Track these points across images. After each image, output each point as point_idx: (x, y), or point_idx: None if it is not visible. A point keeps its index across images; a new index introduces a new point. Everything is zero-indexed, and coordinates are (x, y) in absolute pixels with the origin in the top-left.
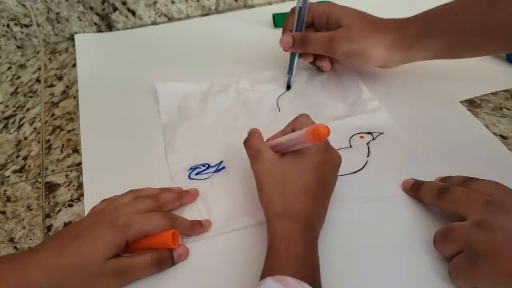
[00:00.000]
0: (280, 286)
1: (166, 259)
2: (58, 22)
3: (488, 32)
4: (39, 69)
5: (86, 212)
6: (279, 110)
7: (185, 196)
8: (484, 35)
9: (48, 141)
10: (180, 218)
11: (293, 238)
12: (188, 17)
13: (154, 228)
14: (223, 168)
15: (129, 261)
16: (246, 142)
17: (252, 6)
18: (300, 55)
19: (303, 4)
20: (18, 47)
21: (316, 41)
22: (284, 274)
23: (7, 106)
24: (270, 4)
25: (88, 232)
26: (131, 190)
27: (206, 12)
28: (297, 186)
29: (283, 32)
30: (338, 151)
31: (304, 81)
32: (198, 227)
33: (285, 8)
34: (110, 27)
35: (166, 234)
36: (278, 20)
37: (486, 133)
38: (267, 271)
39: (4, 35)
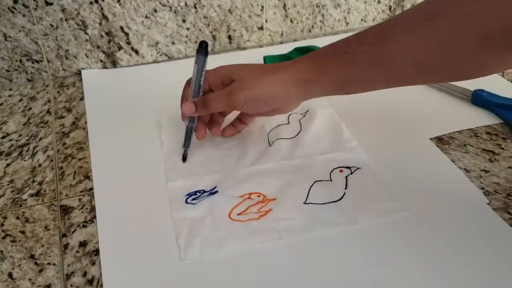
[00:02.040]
0: None
1: None
2: (67, 59)
3: (375, 71)
4: (49, 101)
5: (100, 233)
6: (270, 145)
7: None
8: (371, 73)
9: (61, 168)
10: None
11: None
12: (186, 56)
13: None
14: (217, 192)
15: None
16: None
17: (244, 48)
18: (195, 130)
19: (197, 73)
20: (28, 80)
21: (215, 99)
22: None
23: (20, 135)
24: (261, 46)
25: None
26: None
27: None
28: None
29: (181, 103)
30: (319, 182)
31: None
32: None
33: (275, 50)
34: (114, 64)
35: None
36: (269, 62)
37: (452, 167)
38: None
39: (16, 69)
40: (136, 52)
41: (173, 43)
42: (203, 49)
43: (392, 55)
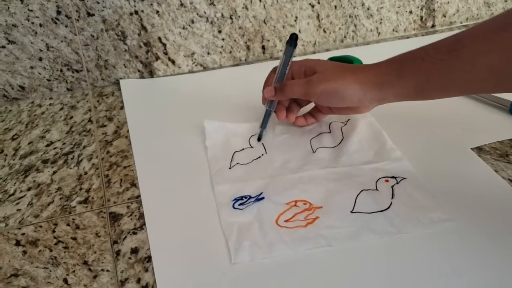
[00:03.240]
0: None
1: None
2: (106, 68)
3: (451, 78)
4: (90, 110)
5: (150, 239)
6: (314, 152)
7: None
8: (448, 80)
9: (107, 175)
10: None
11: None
12: (221, 66)
13: None
14: (263, 198)
15: None
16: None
17: (277, 58)
18: (276, 111)
19: (284, 62)
20: (68, 89)
21: (293, 85)
22: None
23: (64, 143)
24: (294, 57)
25: None
26: None
27: (237, 63)
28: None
29: (264, 88)
30: (365, 191)
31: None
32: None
33: None
34: (151, 74)
35: None
36: None
37: (496, 177)
38: None
39: (56, 79)
40: (173, 62)
41: (208, 53)
42: (292, 41)
43: (469, 63)
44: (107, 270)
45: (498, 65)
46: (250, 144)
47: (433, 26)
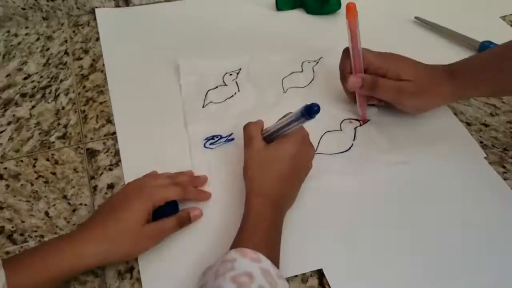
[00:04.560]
0: (239, 256)
1: (185, 220)
2: None
3: None
4: (66, 41)
5: (125, 175)
6: (284, 91)
7: (195, 181)
8: None
9: (84, 111)
10: (189, 188)
11: (263, 214)
12: None
13: (172, 195)
14: (232, 139)
15: (159, 225)
16: (244, 127)
17: None
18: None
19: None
20: (43, 18)
21: (385, 88)
22: (251, 245)
23: (41, 76)
24: None
25: (123, 204)
26: (152, 171)
27: None
28: (273, 171)
29: (344, 74)
30: (329, 132)
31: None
32: (202, 194)
33: None
34: (127, 3)
35: None
36: (281, 4)
37: (454, 120)
38: (237, 241)
39: (31, 7)
40: None
41: None
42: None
43: None
44: (85, 204)
45: None
46: (224, 82)
47: None
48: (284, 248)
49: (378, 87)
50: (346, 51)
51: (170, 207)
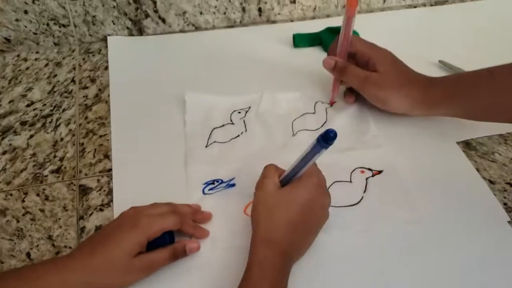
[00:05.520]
0: None
1: (180, 252)
2: (94, 24)
3: (504, 105)
4: (74, 68)
5: (115, 217)
6: (294, 134)
7: (199, 214)
8: (500, 107)
9: (82, 144)
10: (188, 220)
11: (268, 264)
12: (214, 27)
13: (169, 226)
14: (234, 185)
15: (151, 257)
16: (264, 168)
17: (274, 22)
18: (341, 81)
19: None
20: (55, 44)
21: (352, 75)
22: None
23: (44, 104)
24: (292, 21)
25: (115, 234)
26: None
27: (231, 24)
28: (282, 217)
29: (329, 54)
30: (338, 183)
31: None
32: (200, 230)
33: (305, 26)
34: (141, 31)
35: None
36: (298, 41)
37: (476, 177)
38: None
39: (43, 33)
40: (163, 20)
41: (201, 13)
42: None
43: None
44: (70, 247)
45: None
46: (231, 120)
47: None
48: None
49: (347, 72)
50: (338, 36)
51: (165, 237)
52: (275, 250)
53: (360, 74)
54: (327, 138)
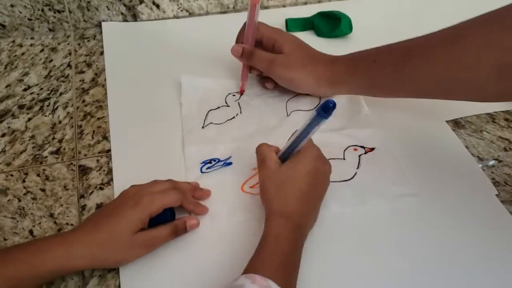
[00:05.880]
0: (248, 282)
1: (181, 229)
2: (88, 10)
3: (399, 82)
4: (70, 53)
5: (115, 195)
6: (288, 115)
7: (198, 191)
8: (396, 84)
9: (80, 126)
10: (189, 197)
11: (282, 235)
12: (207, 13)
13: (170, 202)
14: (230, 163)
15: (152, 234)
16: (257, 149)
17: (267, 7)
18: (251, 68)
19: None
20: (50, 30)
21: (259, 59)
22: (265, 270)
23: (41, 88)
24: (284, 6)
25: (118, 211)
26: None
27: (225, 10)
28: (294, 190)
29: (237, 42)
30: (331, 160)
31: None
32: (200, 207)
33: (298, 11)
34: (135, 17)
35: None
36: (291, 25)
37: (465, 153)
38: (251, 264)
39: (38, 18)
40: (157, 6)
41: None
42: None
43: (416, 71)
44: (71, 224)
45: (443, 77)
46: (226, 103)
47: None
48: None
49: (254, 57)
50: (245, 23)
51: (166, 214)
52: (291, 223)
53: (266, 57)
54: (327, 109)
